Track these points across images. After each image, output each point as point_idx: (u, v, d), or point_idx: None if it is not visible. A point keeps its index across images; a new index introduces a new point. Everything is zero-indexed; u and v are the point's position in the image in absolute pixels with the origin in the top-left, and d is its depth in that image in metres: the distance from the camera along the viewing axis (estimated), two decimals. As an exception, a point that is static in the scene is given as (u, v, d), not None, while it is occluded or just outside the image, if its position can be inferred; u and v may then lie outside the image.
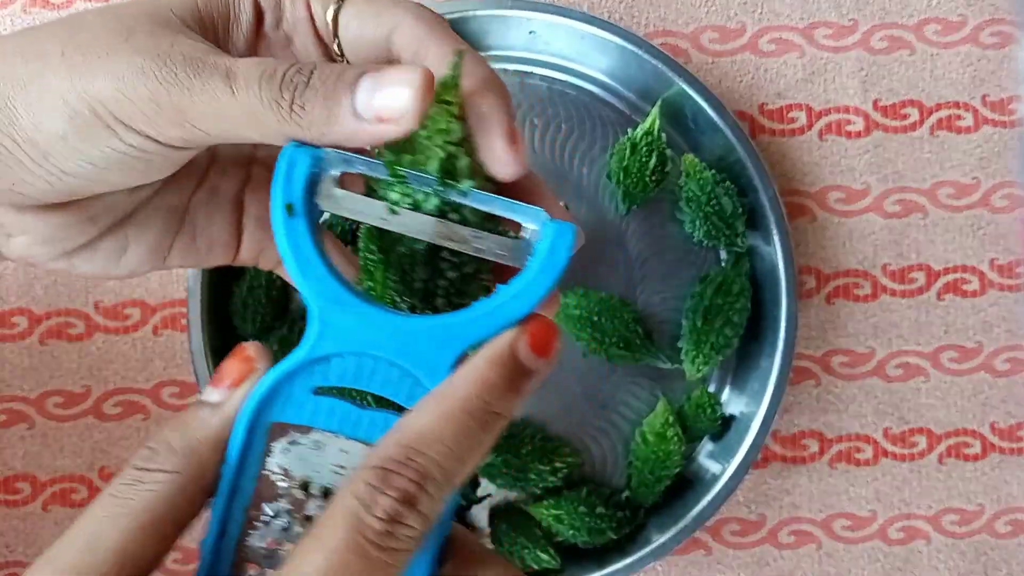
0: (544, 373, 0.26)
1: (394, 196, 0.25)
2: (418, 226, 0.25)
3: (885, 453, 0.52)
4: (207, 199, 0.30)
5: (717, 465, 0.49)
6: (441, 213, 0.26)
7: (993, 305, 0.53)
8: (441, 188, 0.25)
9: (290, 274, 0.25)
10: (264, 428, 0.24)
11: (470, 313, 0.25)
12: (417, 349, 0.24)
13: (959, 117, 0.53)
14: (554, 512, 0.48)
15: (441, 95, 0.25)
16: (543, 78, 0.52)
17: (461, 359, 0.25)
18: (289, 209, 0.24)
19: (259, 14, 0.28)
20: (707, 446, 0.51)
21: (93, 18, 0.26)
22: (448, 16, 0.49)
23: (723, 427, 0.51)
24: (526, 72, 0.52)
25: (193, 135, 0.25)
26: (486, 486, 0.50)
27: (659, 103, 0.49)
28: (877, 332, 0.53)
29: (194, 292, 0.47)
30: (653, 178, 0.50)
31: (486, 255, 0.26)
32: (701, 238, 0.50)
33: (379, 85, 0.24)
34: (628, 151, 0.49)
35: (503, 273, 0.27)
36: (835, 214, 0.53)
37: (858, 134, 0.53)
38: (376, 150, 0.26)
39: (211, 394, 0.25)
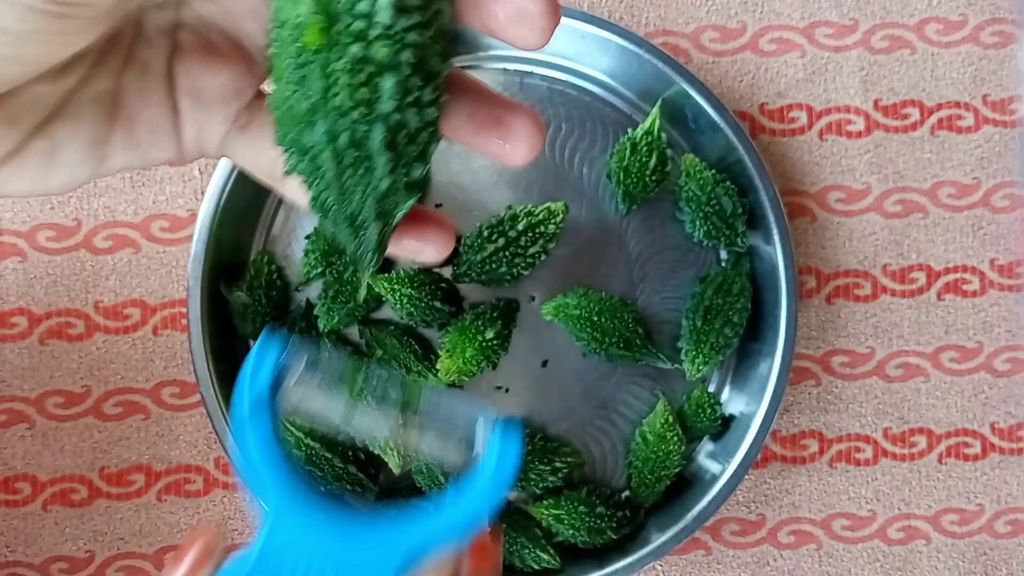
0: None
1: (360, 388, 0.26)
2: (374, 431, 0.26)
3: (885, 453, 0.52)
4: (137, 78, 0.26)
5: (717, 465, 0.49)
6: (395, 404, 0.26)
7: (993, 305, 0.53)
8: (400, 399, 0.26)
9: (247, 468, 0.25)
10: None
11: (416, 519, 0.25)
12: (361, 555, 0.25)
13: (960, 117, 0.53)
14: (554, 512, 0.48)
15: None
16: (543, 78, 0.52)
17: (403, 569, 0.25)
18: (257, 402, 0.25)
19: None
20: (707, 446, 0.51)
21: None
22: (448, 16, 0.49)
23: (723, 427, 0.51)
24: (526, 72, 0.52)
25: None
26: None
27: (659, 103, 0.49)
28: (877, 332, 0.53)
29: (193, 292, 0.47)
30: (653, 178, 0.50)
31: (439, 459, 0.27)
32: (701, 238, 0.50)
33: None
34: (628, 151, 0.49)
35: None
36: (835, 214, 0.53)
37: (859, 134, 0.53)
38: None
39: None
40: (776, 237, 0.49)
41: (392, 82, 0.22)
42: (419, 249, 0.27)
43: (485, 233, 0.49)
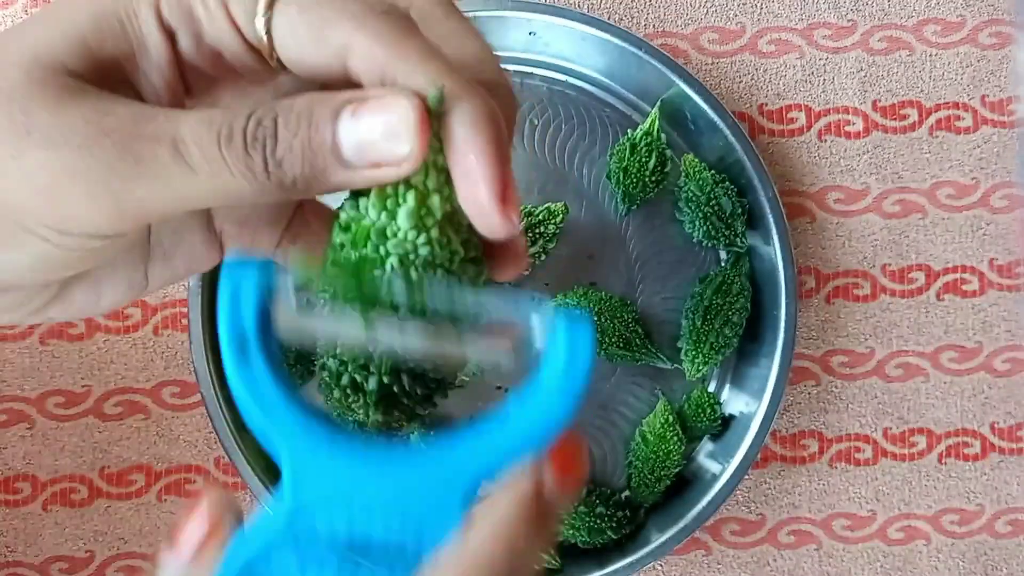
0: (573, 502, 0.21)
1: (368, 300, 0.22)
2: (404, 343, 0.22)
3: (885, 453, 0.52)
4: (170, 223, 0.26)
5: (717, 465, 0.49)
6: (422, 312, 0.22)
7: (993, 305, 0.53)
8: (427, 290, 0.22)
9: (249, 423, 0.21)
10: None
11: (476, 440, 0.21)
12: (416, 492, 0.21)
13: (958, 117, 0.53)
14: (554, 512, 0.48)
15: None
16: (543, 78, 0.52)
17: (470, 494, 0.21)
18: (241, 345, 0.21)
19: (170, 36, 0.22)
20: (707, 446, 0.51)
21: None
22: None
23: (723, 427, 0.51)
24: (526, 72, 0.52)
25: (145, 221, 0.21)
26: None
27: (659, 104, 0.50)
28: (877, 332, 0.53)
29: (194, 292, 0.47)
30: (653, 178, 0.50)
31: (486, 368, 0.23)
32: (701, 238, 0.50)
33: (366, 120, 0.20)
34: (628, 151, 0.49)
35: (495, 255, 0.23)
36: (835, 214, 0.53)
37: (857, 134, 0.53)
38: (344, 209, 0.23)
39: (170, 564, 0.21)
40: (775, 237, 0.49)
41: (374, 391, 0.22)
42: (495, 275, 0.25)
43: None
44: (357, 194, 0.22)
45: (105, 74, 0.21)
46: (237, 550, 0.20)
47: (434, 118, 0.20)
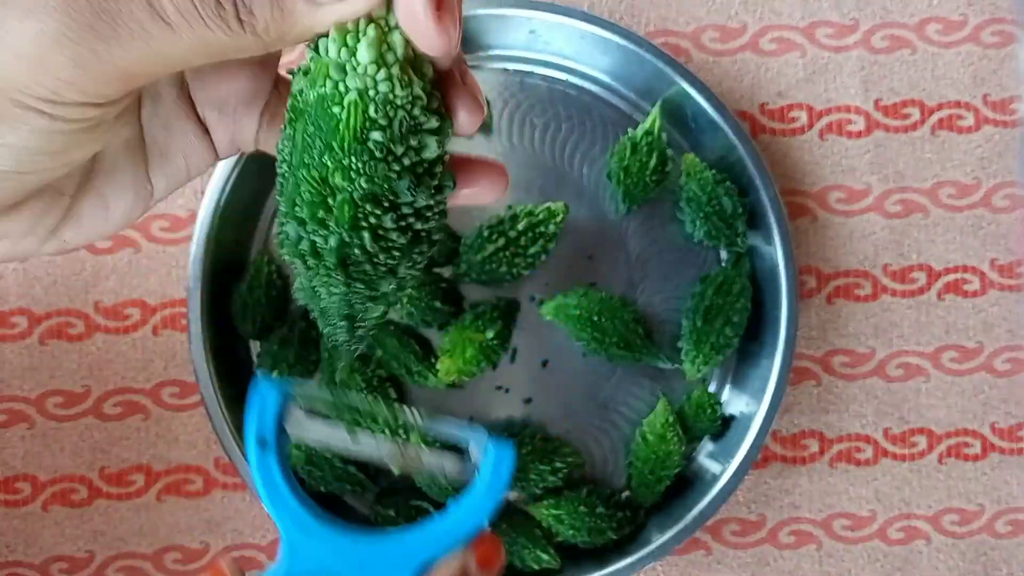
0: None
1: (357, 423, 0.29)
2: (378, 450, 0.29)
3: (885, 453, 0.52)
4: (154, 111, 0.27)
5: (717, 465, 0.49)
6: (394, 431, 0.31)
7: (994, 305, 0.53)
8: (393, 421, 0.30)
9: (263, 503, 0.28)
10: None
11: (423, 532, 0.28)
12: (377, 569, 0.27)
13: (960, 117, 0.53)
14: (554, 512, 0.48)
15: None
16: (543, 78, 0.52)
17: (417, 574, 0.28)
18: (262, 443, 0.27)
19: None
20: (707, 446, 0.51)
21: None
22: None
23: (723, 427, 0.50)
24: (526, 72, 0.51)
25: (132, 84, 0.22)
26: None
27: (660, 103, 0.49)
28: (877, 332, 0.52)
29: (194, 292, 0.47)
30: (653, 178, 0.50)
31: (438, 475, 0.30)
32: (701, 238, 0.50)
33: None
34: (628, 151, 0.49)
35: None
36: (836, 214, 0.53)
37: (859, 134, 0.53)
38: None
39: None
40: (776, 237, 0.49)
41: (343, 206, 0.23)
42: (475, 196, 0.28)
43: (485, 233, 0.48)
44: (318, 41, 0.23)
45: None
46: None
47: None
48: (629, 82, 0.51)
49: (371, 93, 0.23)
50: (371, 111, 0.23)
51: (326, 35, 0.23)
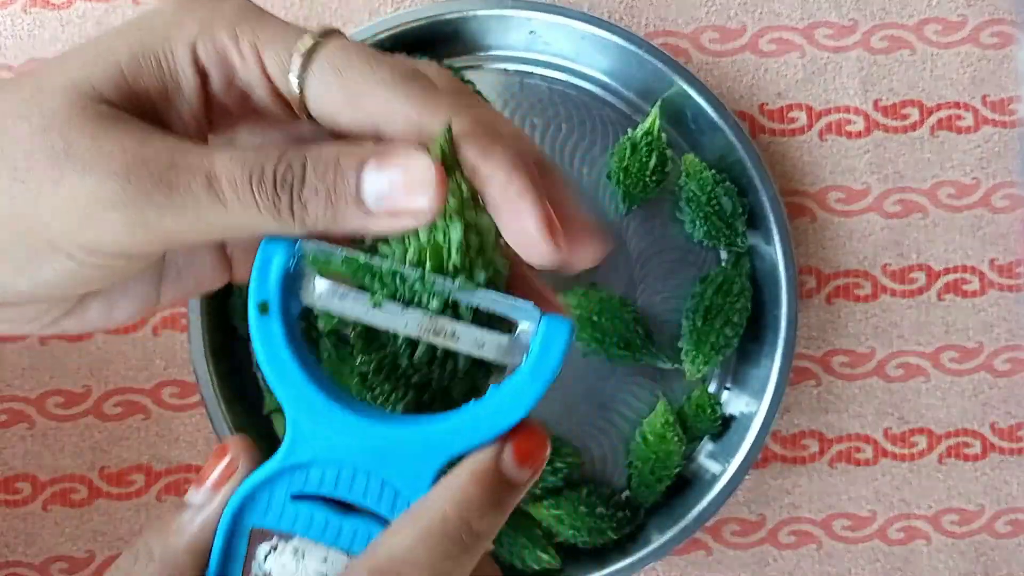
0: (530, 485, 0.24)
1: (381, 290, 0.24)
2: (406, 322, 0.24)
3: (885, 453, 0.52)
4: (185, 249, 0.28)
5: (717, 465, 0.49)
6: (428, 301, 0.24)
7: (993, 305, 0.53)
8: (429, 285, 0.24)
9: (264, 375, 0.24)
10: (245, 532, 0.24)
11: (453, 420, 0.24)
12: (396, 460, 0.23)
13: (959, 117, 0.53)
14: (554, 512, 0.48)
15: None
16: (543, 78, 0.52)
17: (443, 470, 0.24)
18: (263, 308, 0.24)
19: (202, 76, 0.23)
20: (707, 446, 0.51)
21: (9, 122, 0.21)
22: (448, 16, 0.49)
23: (723, 427, 0.51)
24: (526, 72, 0.52)
25: (171, 247, 0.23)
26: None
27: (659, 103, 0.49)
28: (877, 332, 0.53)
29: (194, 292, 0.47)
30: (653, 178, 0.50)
31: (477, 355, 0.24)
32: (701, 238, 0.50)
33: (388, 172, 0.22)
34: (628, 151, 0.49)
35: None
36: (835, 214, 0.53)
37: (858, 134, 0.53)
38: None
39: (193, 496, 0.24)
40: (776, 237, 0.49)
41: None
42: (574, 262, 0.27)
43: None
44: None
45: (138, 106, 0.23)
46: (243, 487, 0.24)
47: (450, 171, 0.22)
48: (629, 82, 0.51)
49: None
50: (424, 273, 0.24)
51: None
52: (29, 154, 0.21)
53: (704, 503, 0.48)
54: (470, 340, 0.24)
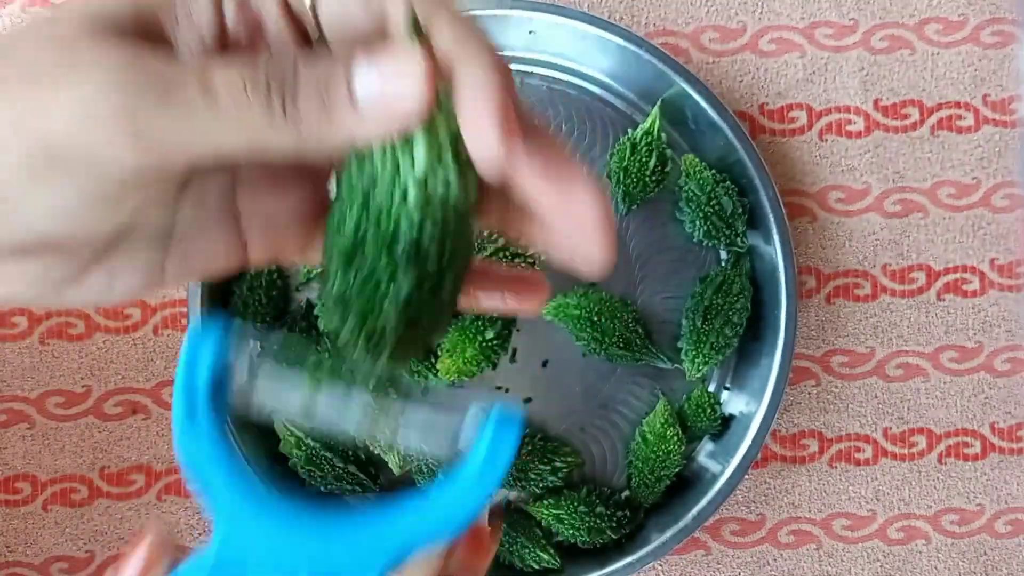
0: None
1: (318, 375, 0.23)
2: (343, 417, 0.23)
3: (885, 453, 0.52)
4: (193, 215, 0.27)
5: (717, 465, 0.49)
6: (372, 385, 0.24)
7: (993, 305, 0.53)
8: (366, 376, 0.23)
9: (189, 481, 0.23)
10: None
11: (398, 520, 0.22)
12: (338, 563, 0.22)
13: (960, 117, 0.53)
14: (554, 512, 0.48)
15: None
16: (543, 78, 0.52)
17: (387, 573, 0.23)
18: (191, 410, 0.23)
19: (217, 5, 0.24)
20: (707, 446, 0.51)
21: (24, 41, 0.22)
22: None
23: (723, 427, 0.51)
24: (526, 72, 0.52)
25: (169, 161, 0.23)
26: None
27: (659, 103, 0.49)
28: (877, 332, 0.53)
29: (194, 292, 0.47)
30: (653, 178, 0.50)
31: (416, 451, 0.23)
32: (701, 238, 0.50)
33: (377, 67, 0.22)
34: (628, 151, 0.49)
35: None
36: (835, 214, 0.53)
37: (858, 134, 0.53)
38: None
39: None
40: (776, 237, 0.49)
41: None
42: (516, 309, 0.27)
43: (485, 233, 0.49)
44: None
45: (150, 37, 0.23)
46: None
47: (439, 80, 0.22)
48: (629, 82, 0.51)
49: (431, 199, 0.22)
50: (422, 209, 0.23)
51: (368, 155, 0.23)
52: (36, 62, 0.22)
53: (704, 503, 0.48)
54: (413, 435, 0.23)
